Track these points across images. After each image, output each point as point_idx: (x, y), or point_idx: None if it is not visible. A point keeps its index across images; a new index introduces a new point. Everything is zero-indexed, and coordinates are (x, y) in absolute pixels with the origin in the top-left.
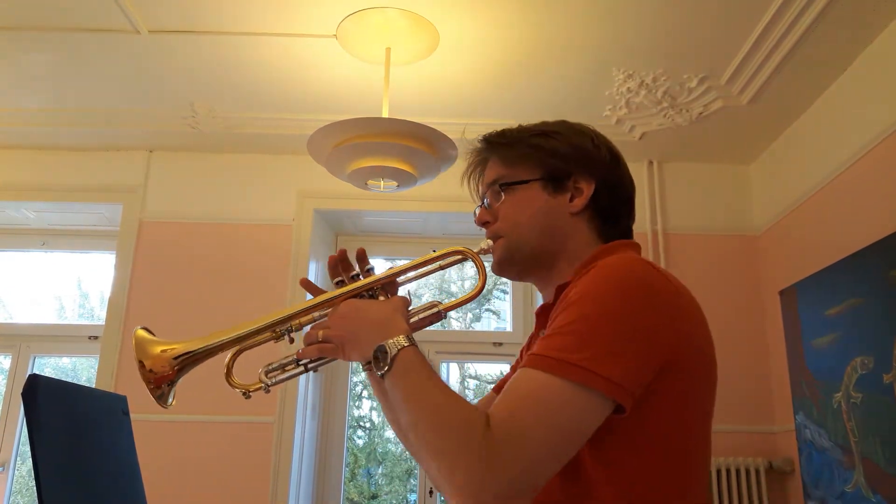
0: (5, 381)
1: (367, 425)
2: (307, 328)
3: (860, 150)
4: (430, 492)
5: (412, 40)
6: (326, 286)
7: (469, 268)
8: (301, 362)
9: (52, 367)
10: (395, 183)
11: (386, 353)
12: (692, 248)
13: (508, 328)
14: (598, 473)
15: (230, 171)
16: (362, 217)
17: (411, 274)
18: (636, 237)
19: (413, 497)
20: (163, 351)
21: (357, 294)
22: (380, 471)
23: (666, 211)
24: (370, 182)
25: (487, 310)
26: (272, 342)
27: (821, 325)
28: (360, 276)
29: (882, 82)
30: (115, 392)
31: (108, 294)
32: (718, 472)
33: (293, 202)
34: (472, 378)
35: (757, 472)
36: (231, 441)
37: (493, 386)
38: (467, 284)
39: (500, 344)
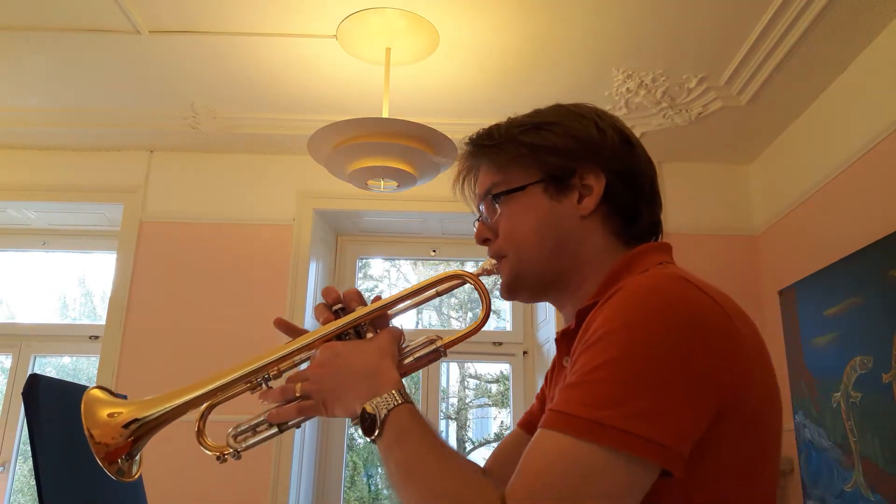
0: (6, 380)
1: None
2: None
3: (860, 150)
4: None
5: (412, 41)
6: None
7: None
8: (273, 422)
9: (53, 366)
10: (395, 183)
11: (375, 416)
12: (691, 248)
13: (508, 328)
14: None
15: (230, 171)
16: (362, 217)
17: (406, 303)
18: None
19: None
20: (110, 415)
21: (341, 333)
22: (380, 472)
23: (665, 211)
24: (370, 182)
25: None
26: (248, 393)
27: (820, 325)
28: (344, 312)
29: (882, 82)
30: (116, 392)
31: (108, 294)
32: None
33: (293, 202)
34: (472, 378)
35: None
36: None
37: (518, 421)
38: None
39: (500, 343)
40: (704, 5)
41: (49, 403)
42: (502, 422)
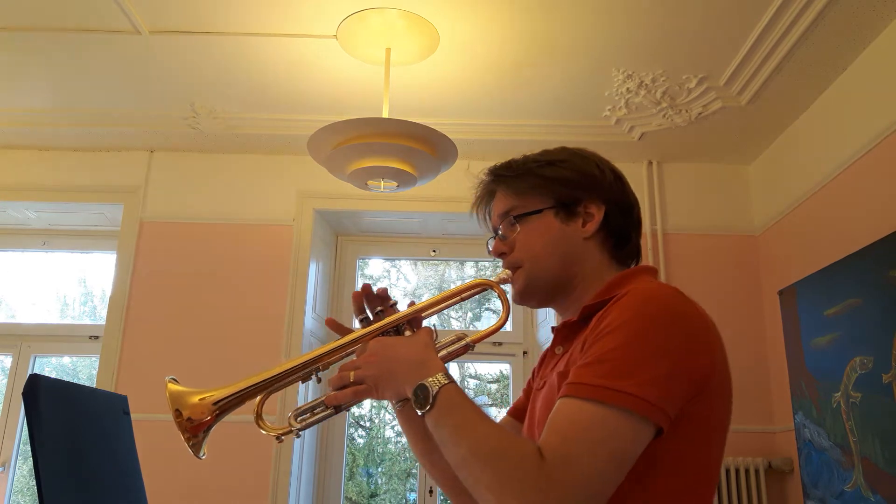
0: (6, 380)
1: (367, 425)
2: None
3: (860, 150)
4: (430, 490)
5: (412, 41)
6: (326, 288)
7: (469, 267)
8: (330, 405)
9: (53, 366)
10: (395, 183)
11: (427, 392)
12: (692, 248)
13: (508, 328)
14: (631, 492)
15: (230, 171)
16: (362, 217)
17: (435, 308)
18: None
19: (413, 496)
20: (201, 399)
21: (384, 331)
22: (379, 469)
23: (665, 211)
24: (370, 182)
25: (487, 309)
26: (299, 383)
27: (820, 325)
28: (384, 313)
29: (882, 82)
30: (116, 392)
31: (108, 294)
32: None
33: (293, 202)
34: (472, 378)
35: (756, 471)
36: (231, 441)
37: (507, 410)
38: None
39: (500, 343)
40: (704, 6)
41: (49, 403)
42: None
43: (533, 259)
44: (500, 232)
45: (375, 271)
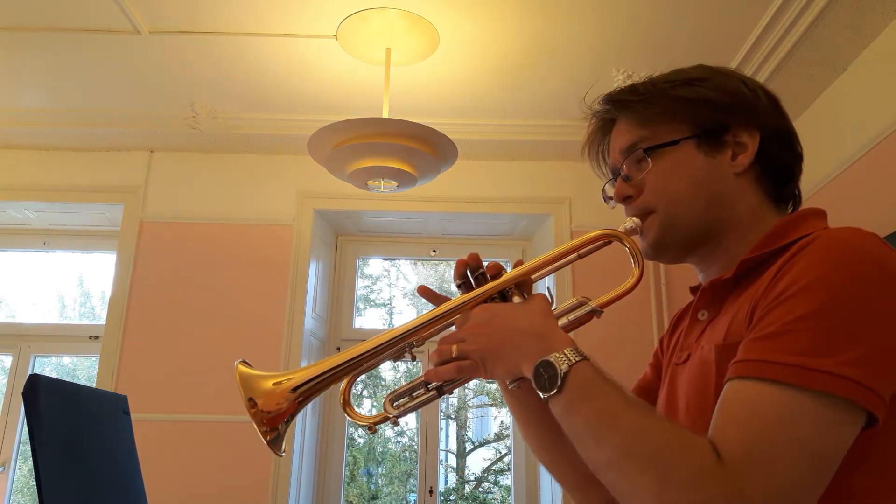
0: (6, 380)
1: None
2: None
3: (860, 151)
4: (430, 491)
5: (412, 41)
6: (326, 288)
7: None
8: (431, 386)
9: (53, 366)
10: (395, 183)
11: (554, 371)
12: None
13: None
14: (829, 498)
15: (230, 171)
16: (362, 217)
17: (548, 268)
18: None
19: (413, 497)
20: (276, 384)
21: (488, 298)
22: (380, 471)
23: None
24: (370, 182)
25: None
26: (391, 363)
27: None
28: (485, 279)
29: (882, 82)
30: (116, 392)
31: (108, 294)
32: None
33: (293, 202)
34: None
35: None
36: (231, 441)
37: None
38: None
39: None
40: (704, 6)
41: (49, 403)
42: (502, 422)
43: (670, 202)
44: (623, 171)
45: (375, 271)
